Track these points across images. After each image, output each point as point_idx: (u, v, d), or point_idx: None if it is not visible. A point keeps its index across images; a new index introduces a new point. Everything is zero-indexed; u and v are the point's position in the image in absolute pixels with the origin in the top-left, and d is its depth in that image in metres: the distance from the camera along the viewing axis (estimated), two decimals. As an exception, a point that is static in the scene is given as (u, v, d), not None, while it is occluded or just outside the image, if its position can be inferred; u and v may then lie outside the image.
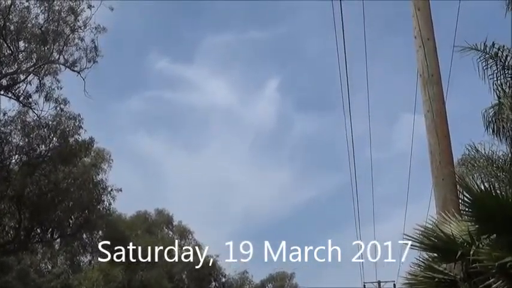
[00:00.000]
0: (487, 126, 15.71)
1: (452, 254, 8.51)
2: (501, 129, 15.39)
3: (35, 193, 35.98)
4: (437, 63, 10.79)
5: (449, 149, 10.43)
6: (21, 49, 35.08)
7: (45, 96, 35.30)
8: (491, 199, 8.27)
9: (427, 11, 11.08)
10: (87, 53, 35.85)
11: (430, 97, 10.55)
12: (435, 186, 10.32)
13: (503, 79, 15.00)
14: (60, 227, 39.61)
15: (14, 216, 36.94)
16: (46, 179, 35.97)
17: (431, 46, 10.82)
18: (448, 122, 10.56)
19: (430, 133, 10.51)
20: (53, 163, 36.07)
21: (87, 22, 35.57)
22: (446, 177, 10.16)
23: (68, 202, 38.10)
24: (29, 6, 34.33)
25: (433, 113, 10.48)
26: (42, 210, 36.37)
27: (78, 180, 37.97)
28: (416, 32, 10.96)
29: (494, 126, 15.54)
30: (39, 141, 36.01)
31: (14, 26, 34.17)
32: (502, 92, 14.95)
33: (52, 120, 35.82)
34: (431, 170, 10.42)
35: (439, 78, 10.73)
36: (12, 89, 35.18)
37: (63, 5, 35.11)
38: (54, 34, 34.86)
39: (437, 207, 10.14)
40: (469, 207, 8.81)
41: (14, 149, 35.82)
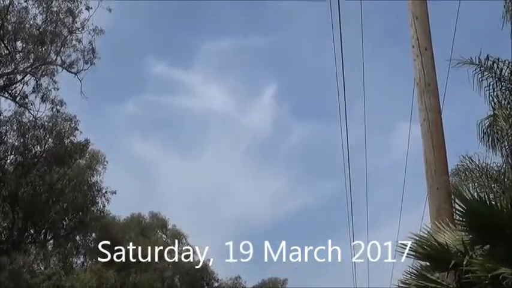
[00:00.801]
0: (482, 137, 15.77)
1: (446, 263, 8.52)
2: (495, 140, 15.44)
3: (29, 194, 36.00)
4: (434, 73, 10.81)
5: (444, 159, 10.45)
6: (18, 49, 35.10)
7: (42, 97, 35.38)
8: (486, 209, 8.30)
9: (425, 20, 11.09)
10: (85, 54, 35.92)
11: (426, 106, 10.58)
12: (430, 195, 10.33)
13: (498, 91, 15.07)
14: (54, 228, 39.62)
15: (8, 217, 36.95)
16: (41, 179, 35.99)
17: (429, 55, 10.85)
18: (443, 132, 10.58)
19: (425, 142, 10.53)
20: (48, 164, 36.11)
21: (85, 24, 35.67)
22: (440, 186, 10.18)
23: (62, 203, 38.14)
24: (27, 6, 34.41)
25: (429, 122, 10.50)
26: (36, 211, 36.38)
27: (73, 181, 38.01)
28: (414, 41, 10.97)
29: (489, 137, 15.61)
30: (34, 141, 36.07)
31: (12, 26, 34.18)
32: (498, 103, 15.01)
33: (48, 121, 35.88)
34: (426, 178, 10.44)
35: (436, 87, 10.75)
36: (9, 89, 35.19)
37: (61, 6, 35.14)
38: (51, 35, 34.88)
39: (431, 216, 10.15)
40: (463, 216, 8.84)
41: (9, 149, 35.85)
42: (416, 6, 11.14)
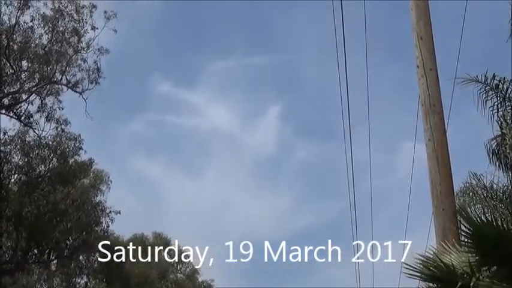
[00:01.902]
0: (491, 157, 15.71)
1: (452, 285, 8.42)
2: (502, 160, 15.39)
3: (33, 213, 35.91)
4: (439, 93, 10.77)
5: (450, 179, 10.38)
6: (24, 69, 35.24)
7: (47, 117, 35.46)
8: (492, 231, 8.22)
9: (429, 40, 11.06)
10: (90, 74, 36.08)
11: (431, 126, 10.52)
12: (435, 216, 10.25)
13: (504, 110, 15.03)
14: (58, 248, 39.50)
15: (12, 236, 36.82)
16: (45, 199, 35.91)
17: (434, 76, 10.81)
18: (449, 152, 10.53)
19: (431, 162, 10.46)
20: (52, 183, 36.07)
21: (90, 43, 35.89)
22: (446, 206, 10.11)
23: (66, 223, 38.01)
24: (33, 26, 34.57)
25: (434, 142, 10.44)
26: (39, 231, 36.25)
27: (77, 201, 37.91)
28: (418, 61, 10.93)
29: (497, 157, 15.54)
30: (38, 161, 36.06)
31: (18, 45, 34.33)
32: (504, 122, 14.97)
33: (52, 141, 35.91)
34: (432, 199, 10.37)
35: (441, 107, 10.70)
36: (14, 108, 35.27)
37: (67, 26, 35.33)
38: (57, 54, 35.03)
39: (437, 237, 10.07)
40: (469, 238, 8.75)
41: (14, 169, 35.81)
42: (421, 27, 11.11)
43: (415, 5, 11.26)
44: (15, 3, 33.52)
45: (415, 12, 11.23)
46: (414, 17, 11.23)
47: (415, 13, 11.22)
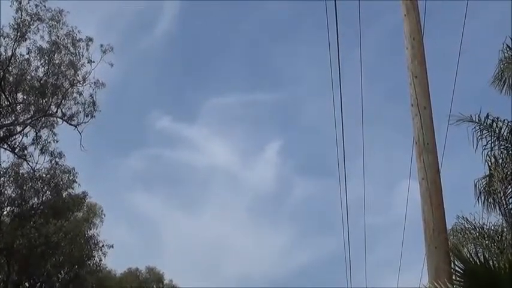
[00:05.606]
0: (478, 197, 15.69)
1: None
2: (492, 200, 15.37)
3: (25, 246, 35.69)
4: (433, 132, 10.81)
5: (442, 218, 10.37)
6: (19, 101, 35.24)
7: (41, 149, 35.38)
8: (484, 270, 8.23)
9: (424, 80, 11.12)
10: (85, 107, 36.05)
11: (425, 165, 10.54)
12: (428, 255, 10.22)
13: (497, 150, 15.06)
14: (49, 281, 39.22)
15: (3, 269, 36.58)
16: (37, 232, 35.72)
17: (428, 114, 10.85)
18: (442, 191, 10.53)
19: (424, 201, 10.46)
20: (44, 216, 35.94)
21: (86, 77, 35.90)
22: (439, 245, 10.08)
23: (58, 256, 37.81)
24: (29, 58, 34.62)
25: (428, 181, 10.45)
26: (31, 264, 36.07)
27: (70, 234, 37.73)
28: (413, 99, 10.99)
29: (485, 197, 15.53)
30: (32, 193, 35.96)
31: (13, 77, 34.37)
32: (495, 163, 14.98)
33: (46, 173, 35.85)
34: (425, 237, 10.34)
35: (435, 146, 10.73)
36: (8, 140, 35.21)
37: (63, 59, 35.39)
38: (53, 87, 35.06)
39: (429, 276, 10.03)
40: (461, 277, 8.75)
41: (6, 201, 35.68)
42: (416, 66, 11.18)
43: (410, 44, 11.36)
44: (12, 35, 33.65)
45: (409, 51, 11.32)
46: (409, 56, 11.31)
47: (410, 52, 11.31)
